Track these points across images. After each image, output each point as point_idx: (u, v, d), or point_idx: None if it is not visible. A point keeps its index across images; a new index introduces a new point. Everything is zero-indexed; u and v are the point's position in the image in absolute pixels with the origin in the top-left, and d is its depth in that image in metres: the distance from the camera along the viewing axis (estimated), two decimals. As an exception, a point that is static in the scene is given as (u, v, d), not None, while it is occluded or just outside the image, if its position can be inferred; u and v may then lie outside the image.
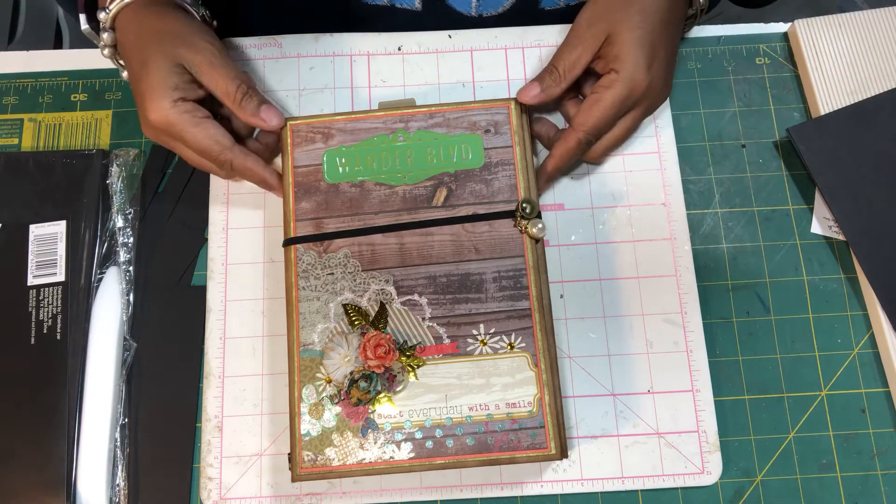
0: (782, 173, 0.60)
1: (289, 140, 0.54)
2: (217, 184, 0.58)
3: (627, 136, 0.56)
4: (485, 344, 0.50)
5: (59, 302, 0.55)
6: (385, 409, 0.49)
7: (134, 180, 0.59)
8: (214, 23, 0.58)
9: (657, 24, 0.52)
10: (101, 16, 0.53)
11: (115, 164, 0.59)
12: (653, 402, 0.54)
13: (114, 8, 0.53)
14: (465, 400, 0.49)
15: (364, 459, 0.48)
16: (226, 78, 0.51)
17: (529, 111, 0.56)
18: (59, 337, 0.55)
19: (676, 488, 0.53)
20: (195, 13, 0.56)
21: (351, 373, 0.50)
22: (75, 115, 0.61)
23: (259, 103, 0.53)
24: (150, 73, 0.50)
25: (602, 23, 0.53)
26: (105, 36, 0.54)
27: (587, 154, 0.56)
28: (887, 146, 0.58)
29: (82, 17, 0.55)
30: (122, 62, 0.55)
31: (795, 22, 0.62)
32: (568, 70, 0.54)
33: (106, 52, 0.55)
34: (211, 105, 0.54)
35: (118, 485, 0.53)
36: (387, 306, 0.51)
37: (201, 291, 0.56)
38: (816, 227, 0.58)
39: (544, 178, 0.56)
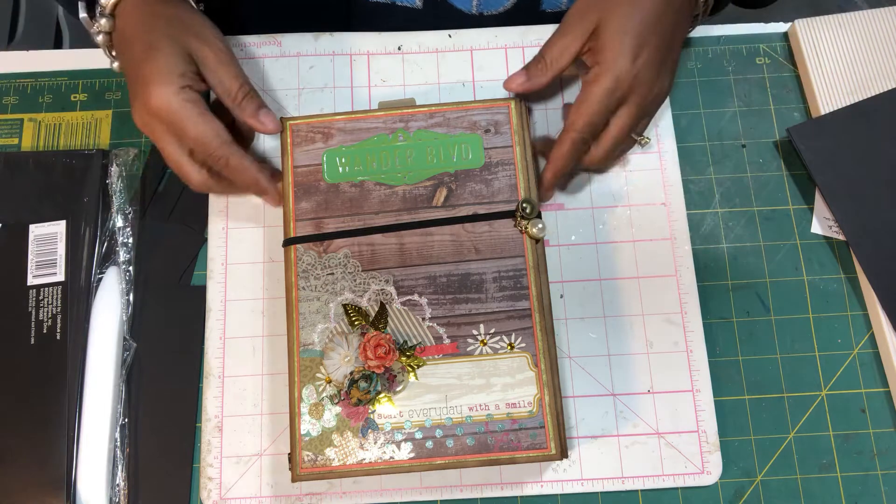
0: (782, 173, 0.60)
1: (289, 140, 0.54)
2: (217, 184, 0.58)
3: (623, 136, 0.53)
4: (485, 344, 0.50)
5: (59, 302, 0.55)
6: (385, 410, 0.49)
7: (134, 180, 0.59)
8: None
9: (649, 15, 0.51)
10: (103, 0, 0.52)
11: (115, 164, 0.59)
12: (653, 402, 0.54)
13: None
14: (465, 400, 0.49)
15: (364, 459, 0.48)
16: (231, 75, 0.51)
17: (530, 111, 0.56)
18: (59, 337, 0.55)
19: (676, 488, 0.53)
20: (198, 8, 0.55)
21: (351, 373, 0.50)
22: (75, 115, 0.61)
23: (259, 106, 0.53)
24: (156, 57, 0.50)
25: (592, 13, 0.52)
26: (103, 21, 0.53)
27: (586, 159, 0.54)
28: (887, 146, 0.58)
29: (81, 5, 0.54)
30: (114, 53, 0.54)
31: (795, 22, 0.62)
32: (555, 59, 0.53)
33: (100, 38, 0.54)
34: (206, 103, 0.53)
35: (118, 485, 0.53)
36: (387, 306, 0.51)
37: (201, 291, 0.56)
38: (816, 227, 0.58)
39: (545, 187, 0.55)
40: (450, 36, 0.62)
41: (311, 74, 0.60)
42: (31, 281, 0.56)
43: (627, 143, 0.55)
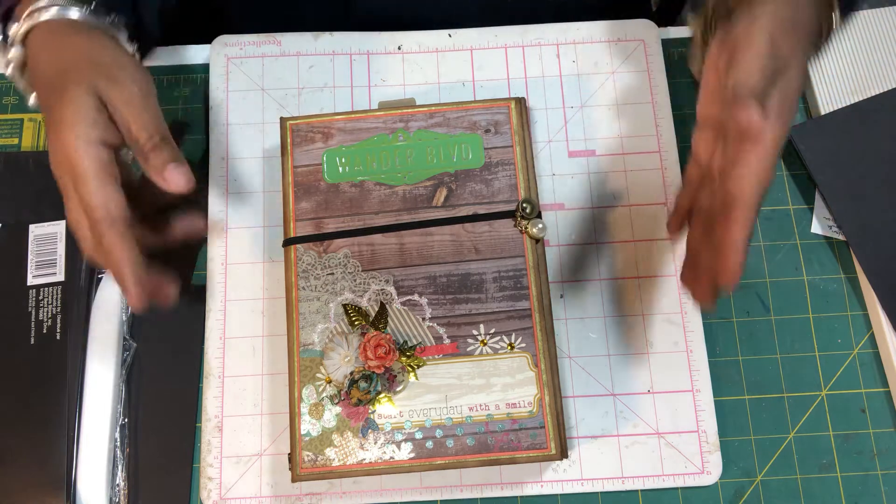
0: (782, 173, 0.60)
1: (289, 140, 0.54)
2: (216, 183, 0.58)
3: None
4: (485, 344, 0.50)
5: (59, 302, 0.55)
6: (385, 410, 0.49)
7: (134, 180, 0.59)
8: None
9: (811, 53, 0.45)
10: (13, 29, 0.47)
11: (114, 164, 0.58)
12: (653, 402, 0.54)
13: (26, 24, 0.46)
14: (465, 400, 0.49)
15: (364, 459, 0.48)
16: (139, 122, 0.45)
17: (528, 110, 0.56)
18: (59, 337, 0.55)
19: (676, 488, 0.53)
20: (127, 47, 0.50)
21: (351, 373, 0.50)
22: (75, 114, 0.61)
23: (167, 160, 0.45)
24: (65, 103, 0.44)
25: (785, 44, 0.43)
26: (12, 51, 0.47)
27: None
28: (887, 146, 0.58)
29: None
30: (30, 83, 0.49)
31: (796, 22, 0.62)
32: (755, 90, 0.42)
33: (10, 70, 0.48)
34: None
35: (118, 485, 0.53)
36: (387, 306, 0.51)
37: (201, 291, 0.56)
38: (816, 227, 0.58)
39: (711, 300, 0.45)
40: (450, 36, 0.62)
41: (311, 74, 0.60)
42: (31, 281, 0.56)
43: None
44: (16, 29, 0.47)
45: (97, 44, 0.47)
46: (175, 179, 0.46)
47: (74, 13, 0.47)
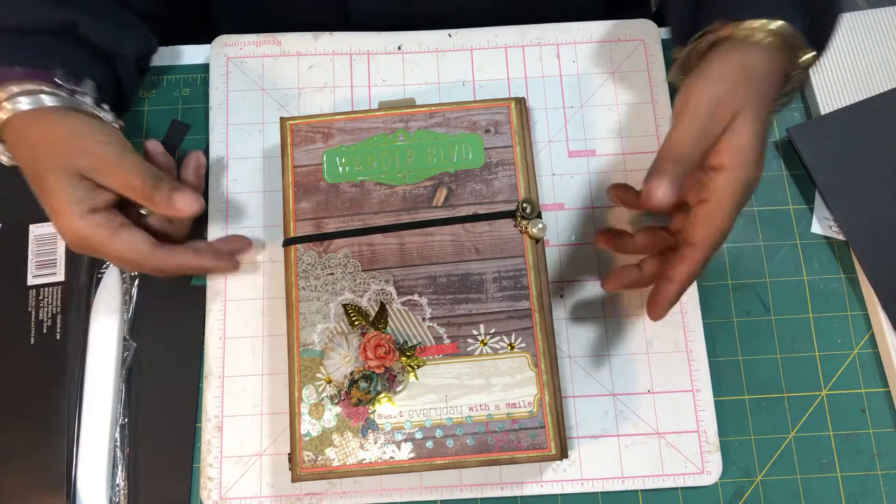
0: (782, 173, 0.60)
1: (289, 140, 0.54)
2: (216, 184, 0.58)
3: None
4: (485, 344, 0.50)
5: (59, 302, 0.55)
6: (385, 410, 0.49)
7: (134, 180, 0.59)
8: (120, 123, 0.53)
9: (768, 113, 0.45)
10: None
11: (114, 164, 0.58)
12: (653, 402, 0.54)
13: (3, 115, 0.47)
14: (465, 400, 0.49)
15: (364, 459, 0.48)
16: (129, 173, 0.47)
17: (528, 110, 0.56)
18: (59, 337, 0.55)
19: (676, 488, 0.53)
20: (96, 113, 0.51)
21: (351, 373, 0.50)
22: (75, 114, 0.61)
23: (170, 191, 0.48)
24: (50, 192, 0.46)
25: (731, 102, 0.44)
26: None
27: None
28: (887, 146, 0.58)
29: None
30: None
31: (796, 22, 0.62)
32: (690, 154, 0.44)
33: (4, 159, 0.51)
34: (125, 205, 0.50)
35: (118, 485, 0.53)
36: (387, 306, 0.51)
37: (201, 291, 0.56)
38: (816, 227, 0.58)
39: (659, 311, 0.47)
40: (450, 35, 0.61)
41: (310, 74, 0.60)
42: (31, 281, 0.56)
43: None
44: None
45: (61, 124, 0.48)
46: (185, 205, 0.48)
47: (49, 101, 0.48)
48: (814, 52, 0.48)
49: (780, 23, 0.46)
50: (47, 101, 0.48)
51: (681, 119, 0.44)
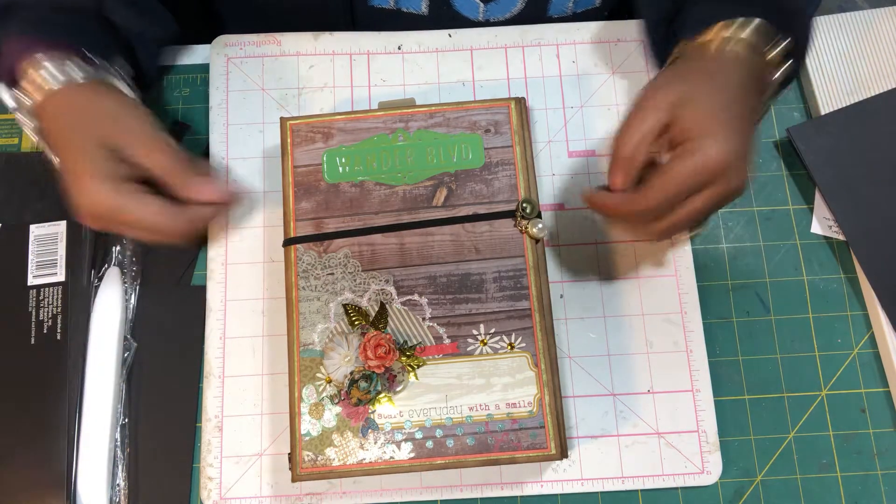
0: (782, 173, 0.60)
1: (289, 140, 0.54)
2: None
3: (693, 221, 0.47)
4: (485, 344, 0.50)
5: (59, 302, 0.55)
6: (385, 409, 0.49)
7: (134, 180, 0.59)
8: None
9: (732, 97, 0.47)
10: (24, 100, 0.49)
11: (114, 164, 0.58)
12: (653, 402, 0.54)
13: (38, 96, 0.48)
14: (465, 400, 0.49)
15: (364, 459, 0.48)
16: (160, 153, 0.48)
17: (528, 110, 0.56)
18: (59, 337, 0.55)
19: (676, 488, 0.53)
20: (128, 92, 0.52)
21: (351, 373, 0.50)
22: (75, 114, 0.61)
23: (198, 175, 0.49)
24: (81, 160, 0.47)
25: (675, 85, 0.47)
26: (28, 122, 0.50)
27: (643, 229, 0.48)
28: (887, 146, 0.58)
29: (6, 95, 0.50)
30: (49, 147, 0.51)
31: (795, 22, 0.62)
32: (637, 148, 0.46)
33: (32, 134, 0.51)
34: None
35: (118, 485, 0.53)
36: (387, 306, 0.51)
37: (201, 291, 0.56)
38: (816, 227, 0.58)
39: (597, 203, 0.48)
40: (450, 35, 0.62)
41: (311, 74, 0.60)
42: (31, 281, 0.56)
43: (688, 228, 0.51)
44: (30, 102, 0.49)
45: (98, 98, 0.49)
46: (203, 192, 0.48)
47: (78, 76, 0.49)
48: (784, 47, 0.49)
49: (734, 27, 0.48)
50: (78, 73, 0.49)
51: (631, 112, 0.47)
